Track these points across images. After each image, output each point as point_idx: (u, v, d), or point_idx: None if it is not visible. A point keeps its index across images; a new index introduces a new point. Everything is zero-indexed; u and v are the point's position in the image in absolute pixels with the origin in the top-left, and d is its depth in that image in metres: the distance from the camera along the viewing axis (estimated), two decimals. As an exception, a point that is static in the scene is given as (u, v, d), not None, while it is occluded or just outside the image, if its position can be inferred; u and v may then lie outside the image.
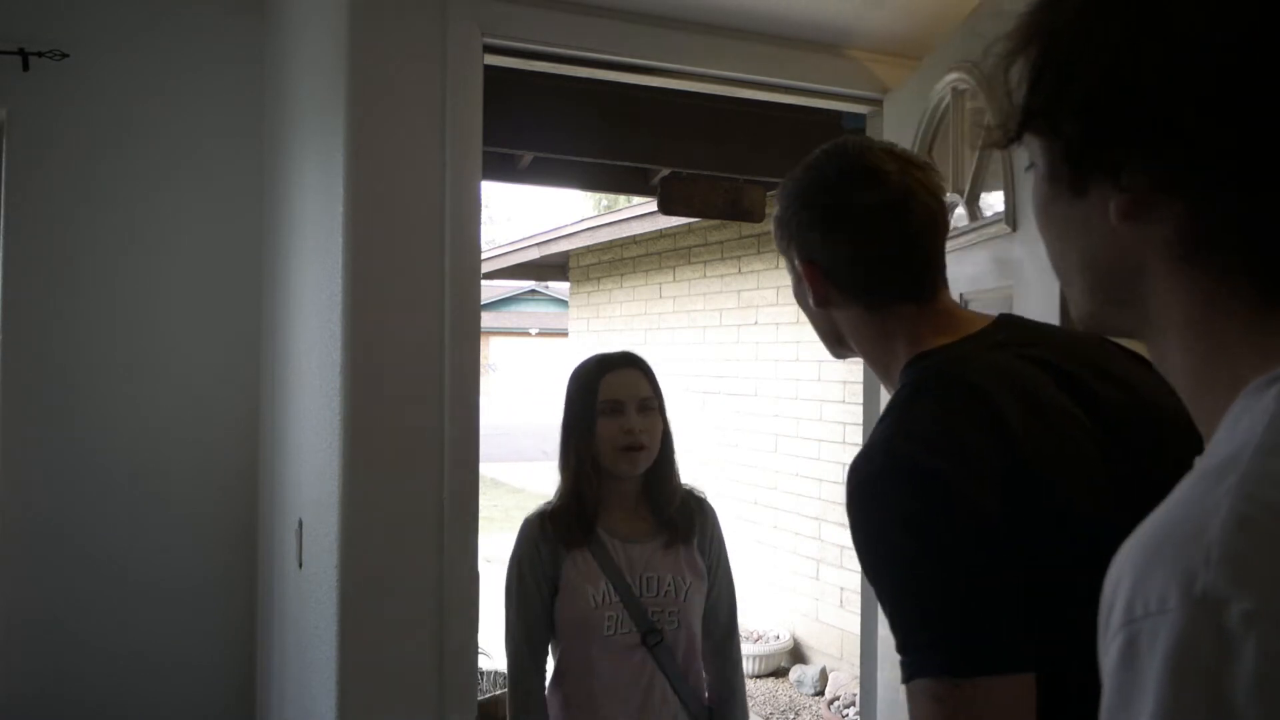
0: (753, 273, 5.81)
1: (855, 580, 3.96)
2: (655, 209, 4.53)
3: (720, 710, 1.94)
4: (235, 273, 2.76)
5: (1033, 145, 0.59)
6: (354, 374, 1.81)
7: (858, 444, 1.72)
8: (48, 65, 2.52)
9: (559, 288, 18.83)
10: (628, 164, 4.05)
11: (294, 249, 2.35)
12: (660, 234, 6.76)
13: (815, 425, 5.22)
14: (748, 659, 4.98)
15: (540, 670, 1.86)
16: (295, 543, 2.19)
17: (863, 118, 2.34)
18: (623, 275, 7.56)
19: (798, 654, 5.38)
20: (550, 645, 1.88)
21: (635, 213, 6.57)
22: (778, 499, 5.56)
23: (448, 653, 1.85)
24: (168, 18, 2.69)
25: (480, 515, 1.96)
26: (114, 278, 2.65)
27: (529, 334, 25.54)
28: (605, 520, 1.86)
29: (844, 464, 3.84)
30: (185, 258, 2.72)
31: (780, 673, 5.29)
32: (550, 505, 1.89)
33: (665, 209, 3.64)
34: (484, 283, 2.03)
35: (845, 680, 4.82)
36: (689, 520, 1.90)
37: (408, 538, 1.84)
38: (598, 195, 16.82)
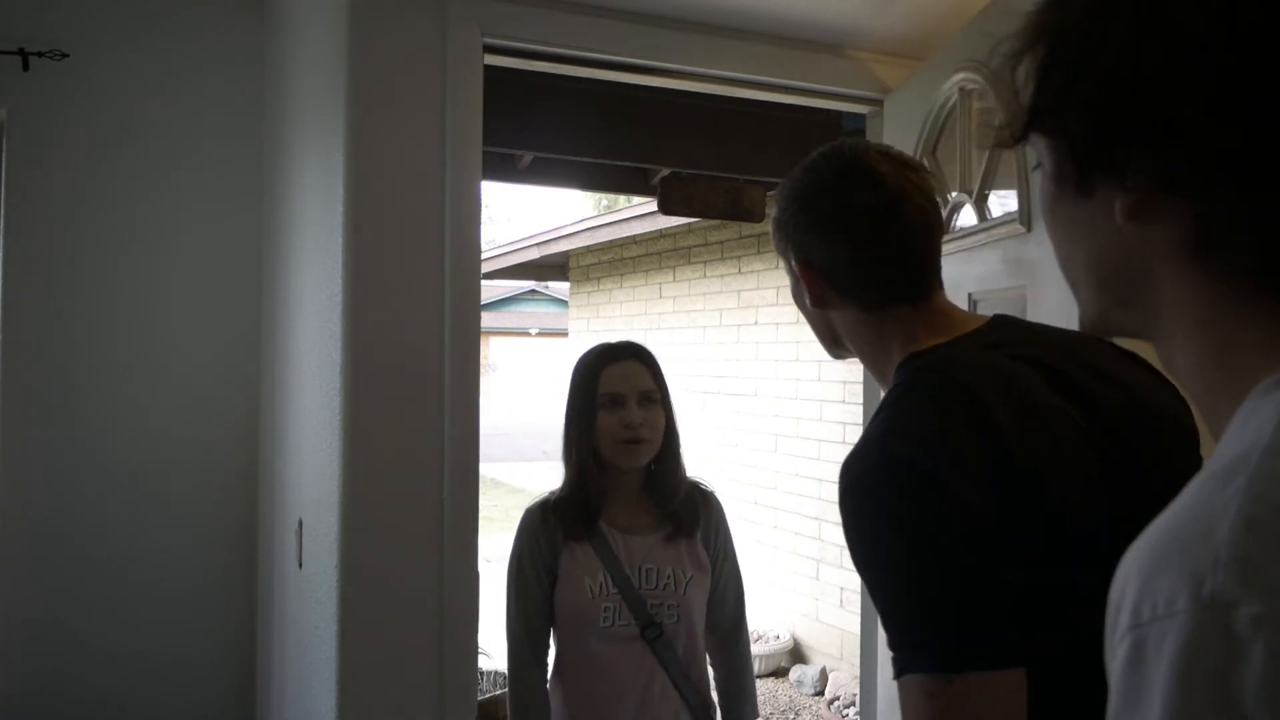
0: (753, 273, 5.81)
1: (855, 580, 3.95)
2: (655, 209, 4.53)
3: (728, 708, 1.90)
4: (235, 273, 2.76)
5: (1039, 145, 0.59)
6: (354, 374, 1.81)
7: (858, 444, 1.71)
8: (48, 65, 2.52)
9: (559, 288, 18.83)
10: (628, 164, 4.05)
11: (294, 249, 2.35)
12: (660, 234, 6.76)
13: (815, 425, 5.22)
14: (748, 659, 4.96)
15: (541, 662, 1.84)
16: (295, 543, 2.19)
17: (862, 118, 2.34)
18: (623, 275, 7.56)
19: (798, 654, 5.38)
20: (552, 637, 1.86)
21: (635, 213, 6.57)
22: (778, 499, 5.56)
23: (448, 653, 1.85)
24: (168, 18, 2.69)
25: (480, 515, 1.96)
26: (114, 278, 2.65)
27: (529, 334, 25.54)
28: (608, 512, 1.83)
29: (844, 464, 3.82)
30: (185, 258, 2.72)
31: (780, 673, 5.29)
32: (553, 496, 1.88)
33: (665, 209, 3.64)
34: (484, 283, 2.03)
35: (845, 680, 4.82)
36: (693, 513, 1.87)
37: (408, 538, 1.84)
38: (598, 195, 16.81)
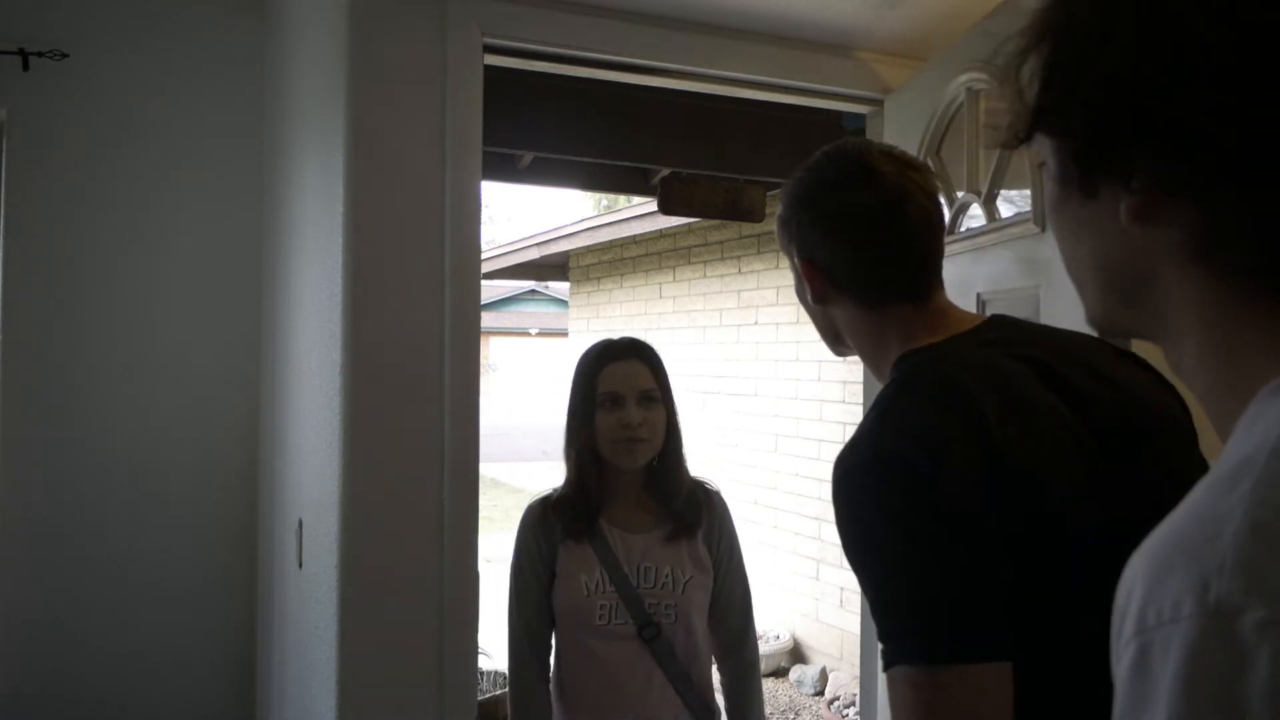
0: (753, 273, 5.81)
1: (855, 580, 3.95)
2: (655, 209, 4.53)
3: (734, 713, 1.86)
4: (235, 273, 2.76)
5: (1044, 145, 0.58)
6: (354, 374, 1.81)
7: (858, 444, 1.71)
8: (48, 65, 2.52)
9: (559, 288, 18.83)
10: (628, 164, 4.05)
11: (294, 249, 2.35)
12: (660, 234, 6.76)
13: (815, 425, 5.22)
14: (748, 659, 4.96)
15: (542, 662, 1.82)
16: (295, 543, 2.19)
17: (863, 118, 2.34)
18: (623, 275, 7.56)
19: (798, 654, 5.38)
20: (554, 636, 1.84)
21: (635, 213, 6.57)
22: (778, 499, 5.56)
23: (448, 653, 1.85)
24: (168, 18, 2.69)
25: (480, 515, 1.95)
26: (114, 278, 2.65)
27: (529, 334, 25.54)
28: (608, 510, 1.82)
29: (844, 464, 3.82)
30: (185, 258, 2.72)
31: (780, 673, 5.29)
32: (554, 493, 1.87)
33: (665, 209, 3.64)
34: (484, 283, 2.03)
35: (845, 680, 4.82)
36: (695, 512, 1.84)
37: (408, 537, 1.84)
38: (598, 195, 16.81)
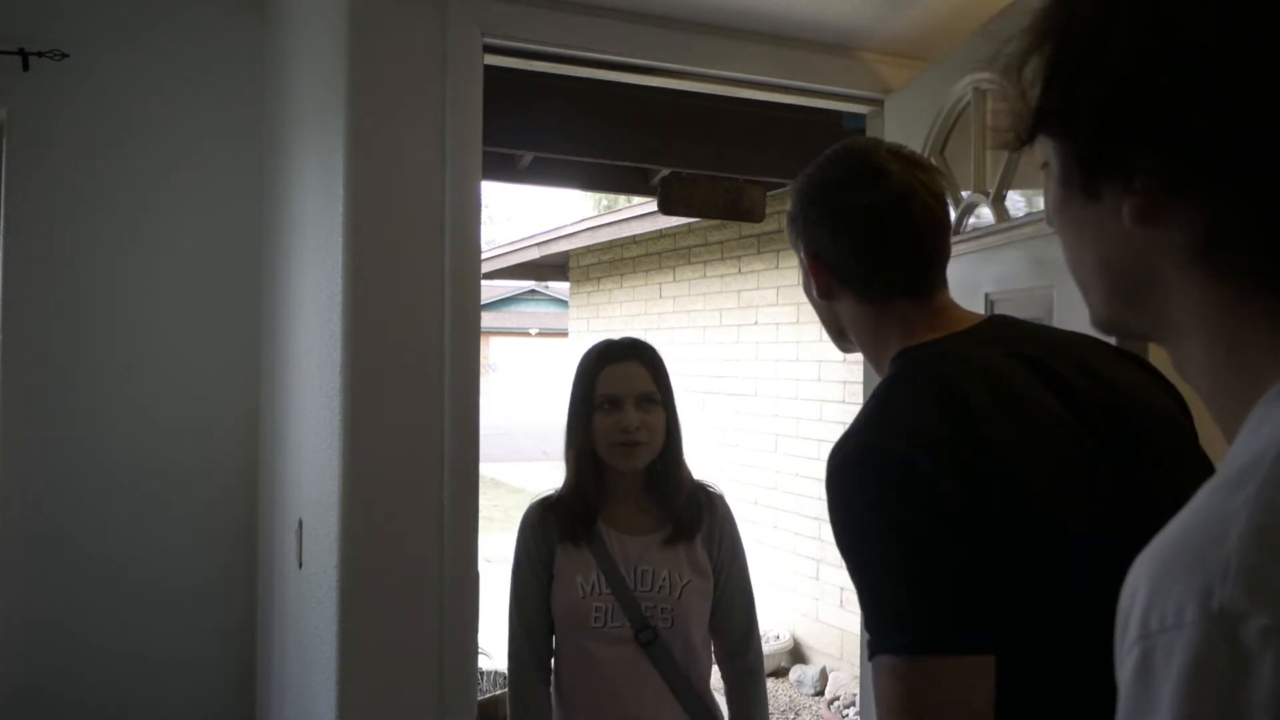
0: (753, 273, 5.81)
1: (855, 580, 3.94)
2: (655, 209, 4.53)
3: None
4: (235, 273, 2.76)
5: (1046, 147, 0.58)
6: (354, 374, 1.81)
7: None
8: (48, 65, 2.52)
9: (559, 288, 18.83)
10: (628, 164, 4.05)
11: (294, 249, 2.35)
12: (660, 234, 6.76)
13: (815, 425, 5.21)
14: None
15: (542, 663, 1.82)
16: (295, 543, 2.19)
17: (862, 118, 2.34)
18: (623, 275, 7.56)
19: (798, 654, 5.38)
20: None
21: (635, 213, 6.57)
22: (778, 499, 5.56)
23: (448, 653, 1.85)
24: (168, 18, 2.69)
25: (480, 515, 1.95)
26: (114, 278, 2.65)
27: (529, 334, 25.54)
28: (608, 513, 1.81)
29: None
30: (185, 258, 2.72)
31: (780, 673, 5.28)
32: (554, 495, 1.86)
33: (665, 209, 3.64)
34: (484, 283, 2.03)
35: (845, 680, 4.82)
36: (695, 515, 1.82)
37: (408, 537, 1.84)
38: (598, 195, 16.81)
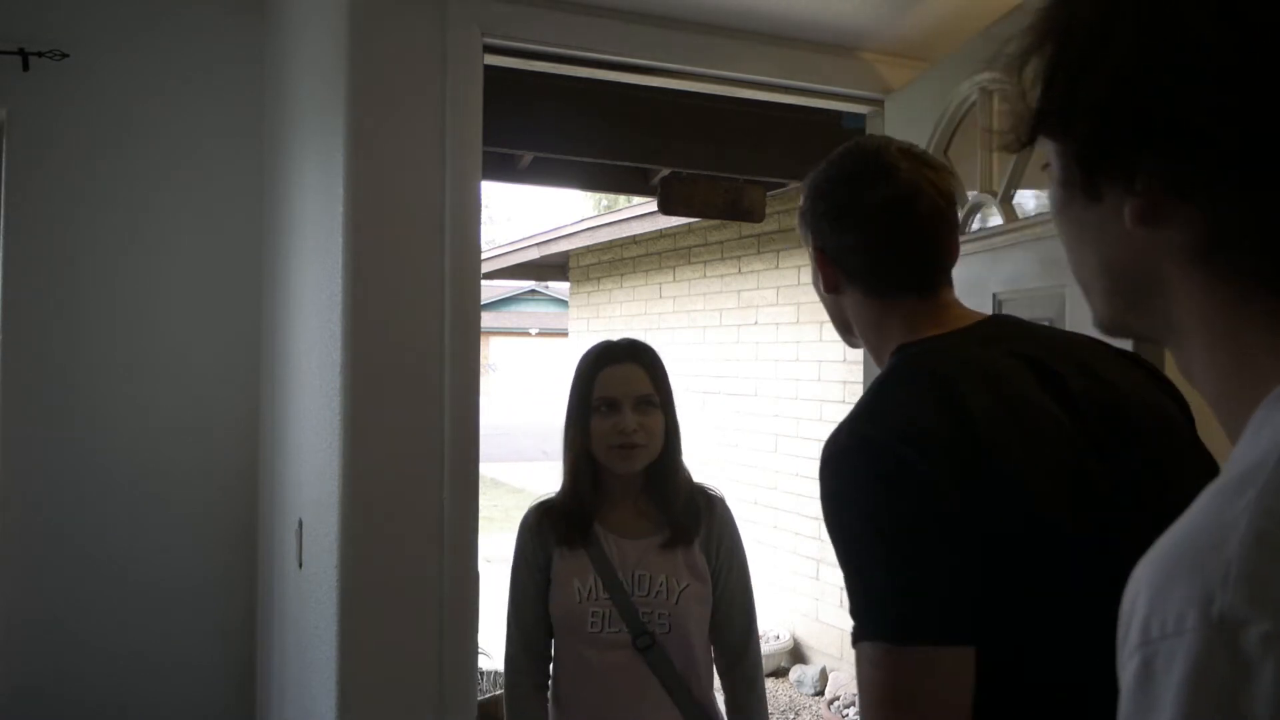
0: (753, 273, 5.81)
1: (855, 580, 3.94)
2: (655, 209, 4.53)
3: None
4: (235, 272, 2.76)
5: (1047, 148, 0.57)
6: (354, 374, 1.81)
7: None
8: (48, 65, 2.52)
9: (559, 288, 18.83)
10: (628, 164, 4.05)
11: (294, 249, 2.35)
12: (660, 234, 6.76)
13: (815, 425, 5.21)
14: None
15: (539, 668, 1.81)
16: (295, 543, 2.19)
17: (862, 118, 2.34)
18: (623, 275, 7.56)
19: (798, 654, 5.38)
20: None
21: (635, 213, 6.57)
22: (778, 499, 5.56)
23: (448, 652, 1.85)
24: (168, 18, 2.69)
25: (480, 515, 1.95)
26: (114, 278, 2.65)
27: (529, 334, 25.54)
28: (605, 516, 1.79)
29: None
30: (185, 258, 2.72)
31: (780, 673, 5.28)
32: (552, 498, 1.85)
33: (665, 209, 3.64)
34: (484, 283, 2.03)
35: (845, 680, 4.82)
36: (694, 519, 1.79)
37: (408, 537, 1.84)
38: (598, 195, 16.81)
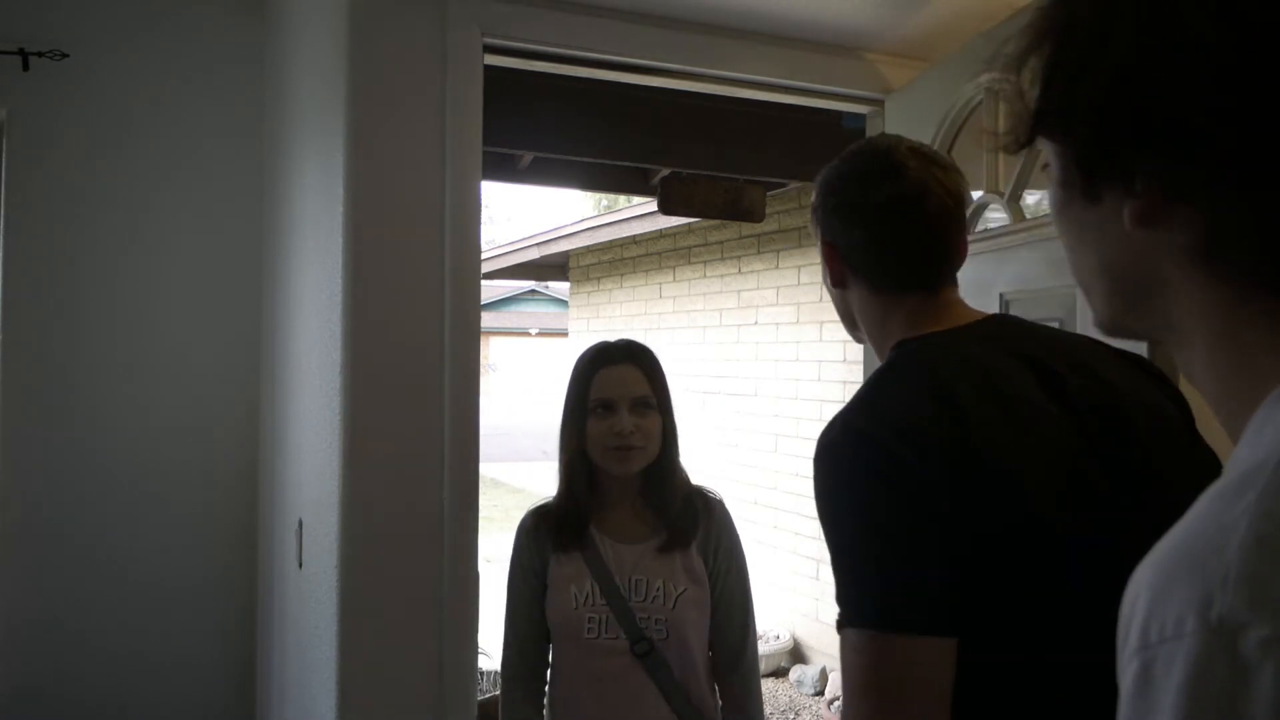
0: (753, 273, 5.81)
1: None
2: (655, 209, 4.53)
3: None
4: (235, 272, 2.76)
5: (1047, 148, 0.57)
6: (354, 374, 1.81)
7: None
8: (48, 65, 2.52)
9: (559, 288, 18.83)
10: (628, 164, 4.06)
11: (294, 249, 2.35)
12: (660, 234, 6.76)
13: (815, 425, 5.20)
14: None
15: (534, 673, 1.78)
16: (295, 543, 2.19)
17: (863, 117, 2.34)
18: (623, 275, 7.55)
19: (798, 654, 5.38)
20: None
21: (635, 213, 6.57)
22: (778, 499, 5.56)
23: (447, 653, 1.85)
24: (168, 18, 2.69)
25: (480, 515, 1.96)
26: (114, 278, 2.65)
27: (529, 334, 25.54)
28: (602, 519, 1.77)
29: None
30: (185, 258, 2.72)
31: (780, 673, 5.28)
32: (548, 503, 1.83)
33: (665, 209, 3.65)
34: (484, 283, 2.03)
35: (845, 680, 4.81)
36: (692, 522, 1.76)
37: (408, 537, 1.84)
38: (598, 195, 16.81)
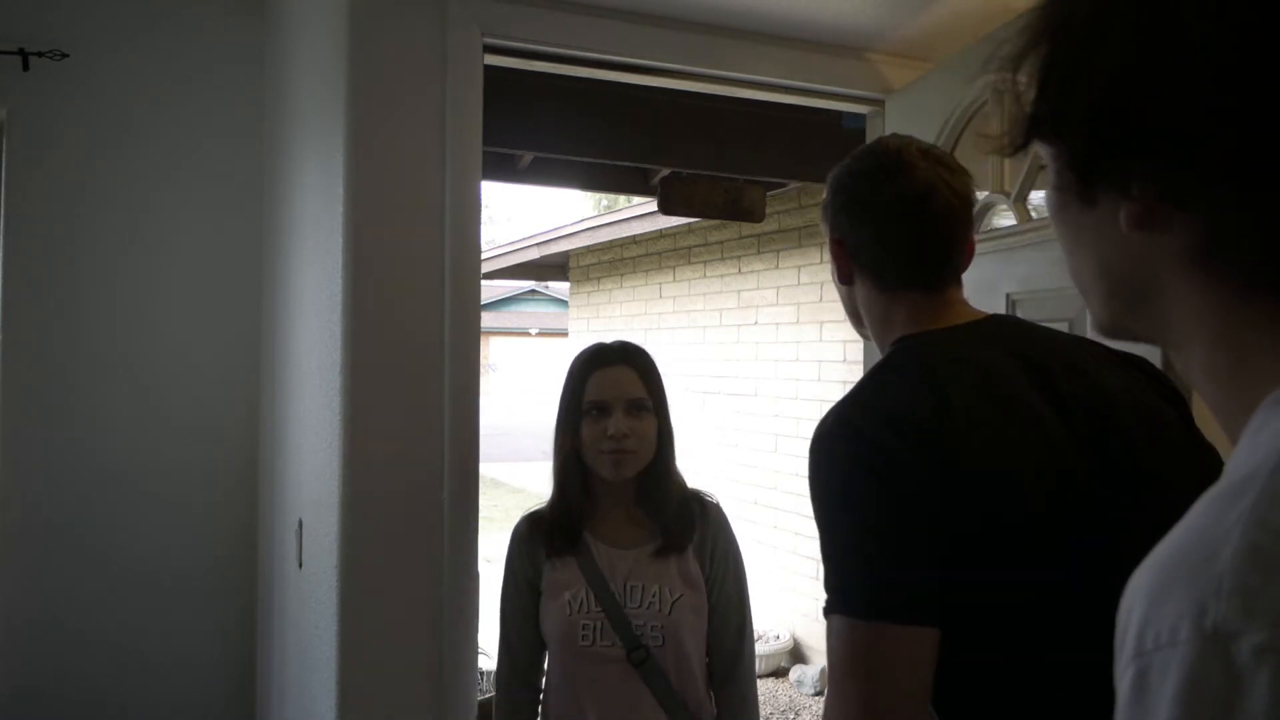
0: (753, 273, 5.81)
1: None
2: (655, 209, 4.53)
3: None
4: (235, 273, 2.76)
5: (1043, 151, 0.57)
6: (354, 374, 1.81)
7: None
8: (48, 65, 2.52)
9: (559, 288, 18.84)
10: (628, 164, 4.06)
11: (294, 249, 2.35)
12: (660, 234, 6.76)
13: (815, 425, 5.21)
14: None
15: (527, 680, 1.76)
16: (295, 543, 2.19)
17: (863, 118, 2.34)
18: (623, 275, 7.56)
19: (798, 654, 5.38)
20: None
21: (635, 213, 6.57)
22: (778, 499, 5.56)
23: (447, 653, 1.85)
24: (168, 18, 2.69)
25: (480, 515, 1.96)
26: (114, 278, 2.65)
27: (529, 334, 25.55)
28: (596, 524, 1.74)
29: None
30: (185, 258, 2.72)
31: (780, 673, 5.29)
32: (542, 509, 1.81)
33: (665, 209, 3.65)
34: (484, 283, 2.03)
35: (845, 680, 4.81)
36: (688, 526, 1.73)
37: (408, 538, 1.84)
38: (598, 195, 16.81)
